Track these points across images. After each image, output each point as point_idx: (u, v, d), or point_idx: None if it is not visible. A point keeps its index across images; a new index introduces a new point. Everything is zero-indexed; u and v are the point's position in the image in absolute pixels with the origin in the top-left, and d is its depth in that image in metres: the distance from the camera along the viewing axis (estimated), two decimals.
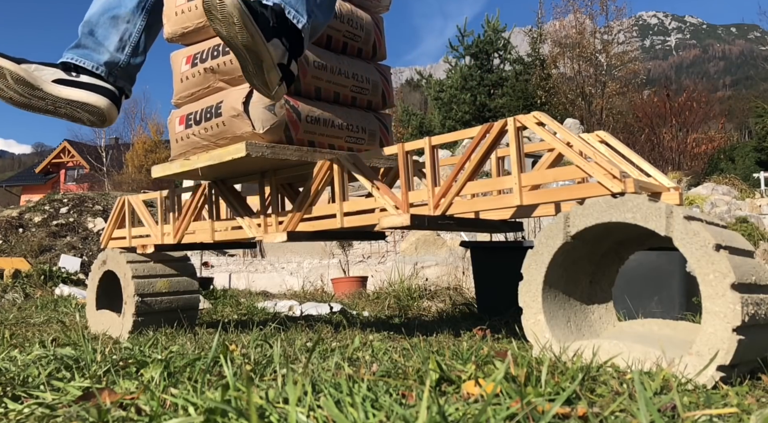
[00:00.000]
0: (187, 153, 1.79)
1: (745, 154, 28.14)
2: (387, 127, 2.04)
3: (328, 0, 1.60)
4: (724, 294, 1.02)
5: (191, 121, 1.76)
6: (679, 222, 1.09)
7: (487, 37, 23.49)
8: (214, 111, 1.71)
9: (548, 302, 1.29)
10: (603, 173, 1.29)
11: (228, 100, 1.69)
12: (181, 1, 1.75)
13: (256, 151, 1.64)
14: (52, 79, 1.61)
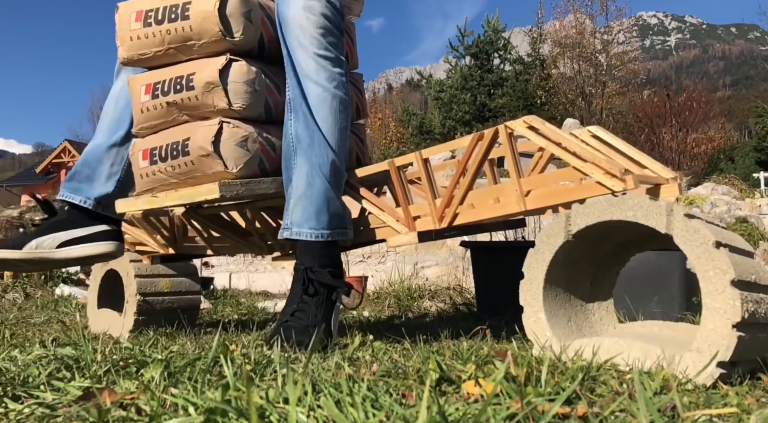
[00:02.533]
0: (155, 189, 1.66)
1: (744, 154, 28.17)
2: (362, 138, 1.98)
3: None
4: (723, 290, 1.02)
5: (156, 158, 1.61)
6: (680, 219, 1.09)
7: (487, 37, 23.49)
8: (181, 149, 1.58)
9: (549, 301, 1.29)
10: (602, 173, 1.29)
11: (195, 138, 1.57)
12: (136, 26, 1.62)
13: (230, 191, 1.54)
14: (55, 245, 1.66)
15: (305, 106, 1.53)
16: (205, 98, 1.57)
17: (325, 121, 1.53)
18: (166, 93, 1.60)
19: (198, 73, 1.57)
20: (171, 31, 1.58)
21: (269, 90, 1.63)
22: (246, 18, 1.58)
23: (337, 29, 1.59)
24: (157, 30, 1.59)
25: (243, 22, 1.57)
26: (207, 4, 1.55)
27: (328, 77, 1.54)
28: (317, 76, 1.53)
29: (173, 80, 1.60)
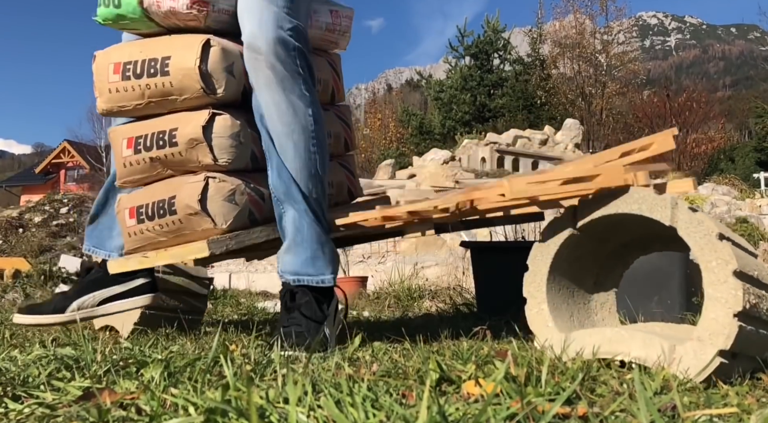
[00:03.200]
0: (144, 248, 1.61)
1: (745, 154, 28.19)
2: (352, 171, 1.93)
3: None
4: (726, 280, 1.02)
5: (143, 216, 1.55)
6: (684, 212, 1.10)
7: (487, 38, 23.50)
8: (167, 207, 1.53)
9: (552, 294, 1.30)
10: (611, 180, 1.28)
11: (182, 197, 1.51)
12: (114, 78, 1.55)
13: (219, 247, 1.50)
14: (96, 303, 1.70)
15: (276, 155, 1.50)
16: (189, 154, 1.51)
17: (300, 171, 1.49)
18: (149, 148, 1.54)
19: (181, 129, 1.52)
20: (151, 86, 1.52)
21: (254, 140, 1.56)
22: (228, 72, 1.51)
23: (309, 66, 1.54)
24: (137, 84, 1.52)
25: (225, 76, 1.51)
26: (187, 61, 1.49)
27: (295, 120, 1.49)
28: (283, 120, 1.49)
29: (155, 135, 1.55)
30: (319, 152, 1.52)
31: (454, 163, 14.56)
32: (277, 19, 1.48)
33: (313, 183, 1.50)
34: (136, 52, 1.55)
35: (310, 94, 1.52)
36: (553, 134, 17.51)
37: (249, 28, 1.49)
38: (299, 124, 1.49)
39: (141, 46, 1.57)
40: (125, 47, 1.60)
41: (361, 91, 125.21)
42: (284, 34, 1.48)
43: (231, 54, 1.53)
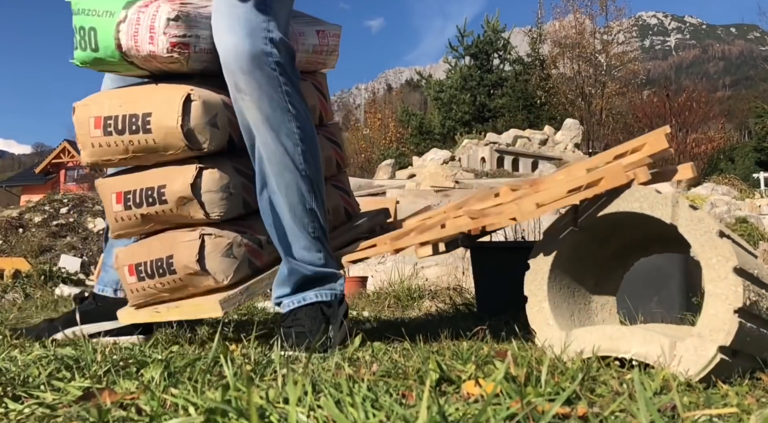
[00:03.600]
0: (149, 303, 1.58)
1: (744, 154, 28.20)
2: (347, 190, 1.91)
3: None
4: (726, 277, 1.03)
5: (143, 274, 1.53)
6: (684, 209, 1.11)
7: (486, 38, 23.50)
8: (166, 267, 1.50)
9: (553, 292, 1.30)
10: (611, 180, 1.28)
11: (179, 257, 1.48)
12: (96, 133, 1.49)
13: (232, 305, 1.48)
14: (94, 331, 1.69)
15: (265, 190, 1.48)
16: (180, 211, 1.48)
17: (293, 208, 1.48)
18: (139, 205, 1.51)
19: (169, 187, 1.48)
20: (134, 142, 1.47)
21: (246, 188, 1.54)
22: (212, 126, 1.47)
23: (293, 82, 1.49)
24: (119, 140, 1.47)
25: (209, 131, 1.46)
26: (168, 119, 1.43)
27: (285, 160, 1.46)
28: (272, 159, 1.46)
29: (144, 191, 1.51)
30: (312, 187, 1.50)
31: (453, 163, 14.57)
32: (254, 36, 1.44)
33: (309, 218, 1.49)
34: (116, 106, 1.49)
35: (297, 120, 1.48)
36: (553, 134, 17.52)
37: (223, 55, 1.45)
38: (289, 163, 1.47)
39: (121, 98, 1.51)
40: (105, 99, 1.53)
41: (361, 91, 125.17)
42: (265, 57, 1.44)
43: (213, 105, 1.48)
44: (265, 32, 1.45)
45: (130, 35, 1.43)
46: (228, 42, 1.44)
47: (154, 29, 1.42)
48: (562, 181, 1.42)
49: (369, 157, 27.20)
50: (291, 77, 1.48)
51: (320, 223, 1.51)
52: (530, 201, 1.29)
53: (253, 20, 1.44)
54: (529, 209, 1.28)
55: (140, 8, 1.43)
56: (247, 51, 1.42)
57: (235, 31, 1.43)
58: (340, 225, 1.85)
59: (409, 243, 1.49)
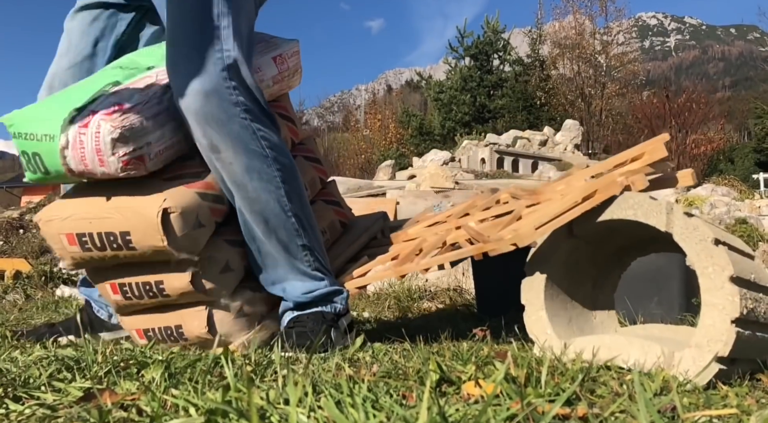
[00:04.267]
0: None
1: (744, 155, 28.20)
2: (337, 201, 1.88)
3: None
4: (722, 286, 1.02)
5: (153, 337, 1.48)
6: (679, 217, 1.10)
7: (486, 38, 23.50)
8: (176, 334, 1.46)
9: (550, 300, 1.30)
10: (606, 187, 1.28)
11: (189, 327, 1.45)
12: (73, 249, 1.40)
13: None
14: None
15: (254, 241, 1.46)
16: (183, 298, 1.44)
17: (285, 250, 1.46)
18: (140, 297, 1.44)
19: (168, 284, 1.41)
20: (119, 255, 1.38)
21: (242, 255, 1.50)
22: (198, 227, 1.39)
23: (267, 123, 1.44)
24: (101, 254, 1.39)
25: (197, 233, 1.39)
26: (151, 239, 1.34)
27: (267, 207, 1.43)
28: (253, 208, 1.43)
29: (142, 286, 1.43)
30: (301, 223, 1.47)
31: (453, 164, 14.56)
32: (219, 91, 1.37)
33: (303, 253, 1.48)
34: (85, 223, 1.38)
35: (277, 162, 1.44)
36: (553, 135, 17.52)
37: (190, 118, 1.38)
38: (274, 208, 1.44)
39: (87, 212, 1.38)
40: (68, 211, 1.40)
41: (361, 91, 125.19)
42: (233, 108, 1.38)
43: (192, 208, 1.38)
44: (228, 82, 1.38)
45: (78, 160, 1.32)
46: (193, 105, 1.36)
47: (101, 152, 1.31)
48: (560, 195, 1.43)
49: (369, 158, 27.21)
50: (263, 119, 1.44)
51: (316, 254, 1.50)
52: (529, 224, 1.30)
53: (213, 73, 1.37)
54: (528, 233, 1.29)
55: (80, 130, 1.31)
56: (214, 109, 1.36)
57: (197, 91, 1.36)
58: (338, 238, 1.83)
59: (412, 269, 1.54)
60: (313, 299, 1.48)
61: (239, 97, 1.39)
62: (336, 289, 1.52)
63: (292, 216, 1.46)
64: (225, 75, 1.38)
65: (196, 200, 1.41)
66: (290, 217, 1.46)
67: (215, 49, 1.38)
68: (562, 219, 1.26)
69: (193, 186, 1.42)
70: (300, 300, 1.47)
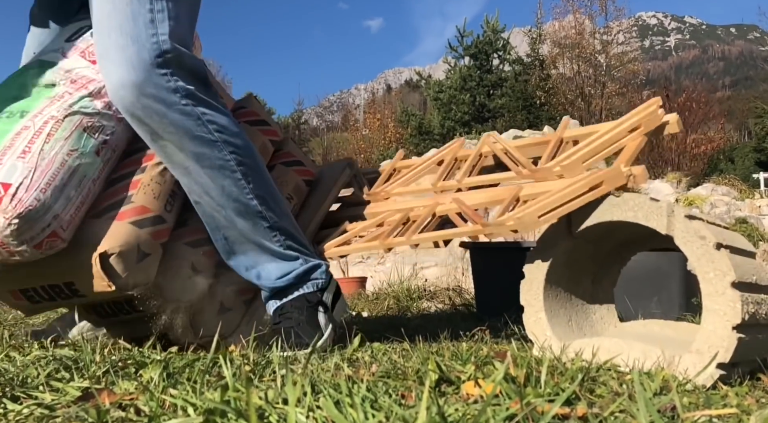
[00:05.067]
0: None
1: (744, 154, 28.22)
2: (298, 161, 1.81)
3: None
4: (724, 292, 1.02)
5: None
6: (681, 220, 1.09)
7: (486, 38, 23.49)
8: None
9: (550, 301, 1.29)
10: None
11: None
12: (23, 302, 1.36)
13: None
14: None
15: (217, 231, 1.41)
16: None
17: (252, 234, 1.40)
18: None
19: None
20: (73, 301, 1.36)
21: (208, 253, 1.45)
22: (142, 258, 1.30)
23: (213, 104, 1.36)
24: (53, 304, 1.35)
25: (144, 266, 1.31)
26: (97, 285, 1.27)
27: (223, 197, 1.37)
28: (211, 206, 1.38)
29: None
30: (266, 203, 1.41)
31: None
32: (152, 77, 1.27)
33: (272, 234, 1.42)
34: (23, 278, 1.31)
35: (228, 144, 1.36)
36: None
37: (125, 111, 1.30)
38: (233, 192, 1.37)
39: (26, 266, 1.27)
40: (9, 269, 1.28)
41: (361, 91, 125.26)
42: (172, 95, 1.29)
43: (131, 244, 1.29)
44: (164, 69, 1.28)
45: None
46: (128, 98, 1.28)
47: (6, 245, 1.18)
48: (556, 177, 1.41)
49: (368, 157, 27.20)
50: (208, 102, 1.35)
51: (286, 232, 1.44)
52: (533, 213, 1.29)
53: (147, 61, 1.27)
54: (532, 221, 1.28)
55: None
56: (151, 101, 1.28)
57: (131, 83, 1.27)
58: (307, 198, 1.75)
59: (403, 243, 1.49)
60: (290, 282, 1.44)
61: (178, 83, 1.30)
62: (313, 265, 1.47)
63: (253, 197, 1.39)
64: (160, 61, 1.28)
65: (133, 232, 1.30)
66: (251, 199, 1.39)
67: (149, 35, 1.28)
68: (566, 208, 1.25)
69: (125, 215, 1.31)
70: (277, 286, 1.44)
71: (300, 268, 1.45)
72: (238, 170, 1.37)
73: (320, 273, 1.49)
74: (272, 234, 1.42)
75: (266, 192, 1.42)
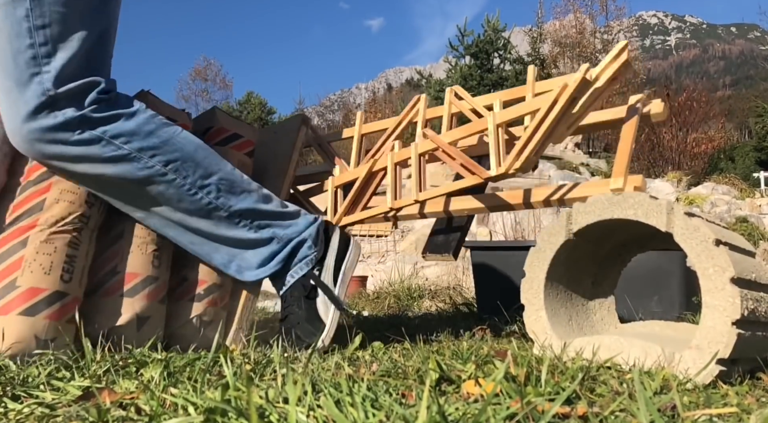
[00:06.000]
0: None
1: (745, 153, 28.20)
2: (234, 135, 1.64)
3: None
4: (723, 288, 1.02)
5: None
6: (680, 218, 1.09)
7: (487, 37, 23.50)
8: None
9: (550, 300, 1.29)
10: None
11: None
12: None
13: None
14: None
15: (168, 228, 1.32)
16: None
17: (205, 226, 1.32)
18: None
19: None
20: None
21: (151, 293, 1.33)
22: (46, 346, 1.15)
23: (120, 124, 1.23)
24: None
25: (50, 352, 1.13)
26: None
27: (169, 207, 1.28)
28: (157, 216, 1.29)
29: None
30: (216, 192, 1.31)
31: None
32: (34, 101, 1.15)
33: (232, 220, 1.33)
34: None
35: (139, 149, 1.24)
36: None
37: (15, 144, 1.19)
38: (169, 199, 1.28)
39: None
40: None
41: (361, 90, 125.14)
42: (51, 121, 1.16)
43: (26, 334, 1.12)
44: (51, 107, 1.16)
45: None
46: (23, 147, 1.18)
47: None
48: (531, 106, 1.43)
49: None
50: (108, 116, 1.21)
51: (250, 211, 1.35)
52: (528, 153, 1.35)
53: (32, 104, 1.15)
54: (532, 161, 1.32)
55: None
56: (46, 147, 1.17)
57: (18, 131, 1.16)
58: (263, 168, 1.62)
59: (408, 203, 1.52)
60: (277, 269, 1.37)
61: (67, 115, 1.17)
62: (297, 242, 1.39)
63: (196, 191, 1.28)
64: (45, 102, 1.16)
65: (26, 323, 1.12)
66: (195, 194, 1.29)
67: (29, 76, 1.15)
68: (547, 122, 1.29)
69: (12, 306, 1.13)
70: (264, 275, 1.37)
71: (282, 251, 1.37)
72: (168, 171, 1.26)
73: (307, 248, 1.40)
74: (234, 221, 1.33)
75: (211, 177, 1.30)
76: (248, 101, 33.37)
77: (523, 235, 4.91)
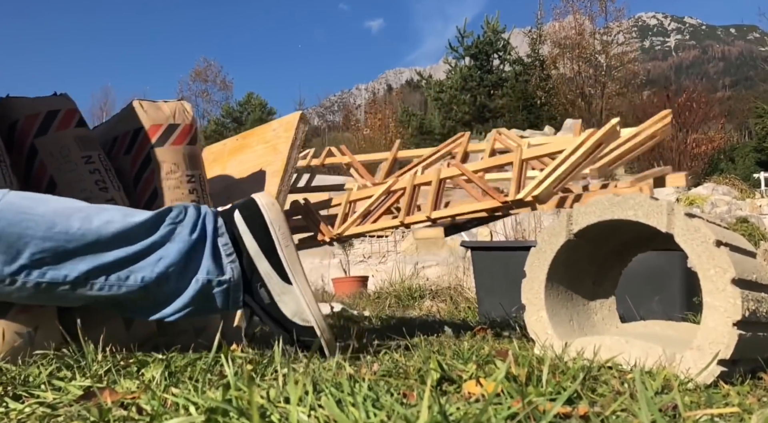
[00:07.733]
0: None
1: (745, 154, 28.20)
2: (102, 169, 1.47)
3: None
4: (724, 289, 1.02)
5: None
6: (681, 218, 1.09)
7: (486, 38, 23.49)
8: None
9: (551, 300, 1.29)
10: None
11: None
12: None
13: None
14: None
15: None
16: None
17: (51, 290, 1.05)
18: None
19: None
20: None
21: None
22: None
23: None
24: None
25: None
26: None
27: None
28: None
29: None
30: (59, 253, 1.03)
31: None
32: None
33: (89, 284, 1.07)
34: None
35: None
36: (554, 134, 17.52)
37: None
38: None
39: None
40: None
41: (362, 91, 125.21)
42: None
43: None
44: None
45: None
46: None
47: None
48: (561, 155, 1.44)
49: None
50: None
51: (93, 267, 1.06)
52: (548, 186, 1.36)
53: None
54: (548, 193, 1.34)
55: None
56: None
57: None
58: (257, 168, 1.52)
59: (420, 220, 1.56)
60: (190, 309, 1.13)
61: None
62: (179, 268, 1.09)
63: (11, 278, 1.01)
64: None
65: (3, 325, 1.10)
66: (14, 284, 1.02)
67: None
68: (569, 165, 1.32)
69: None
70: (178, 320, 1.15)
71: (165, 294, 1.10)
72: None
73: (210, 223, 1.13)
74: (87, 288, 1.07)
75: (22, 254, 1.01)
76: (248, 102, 33.39)
77: (524, 236, 4.91)
